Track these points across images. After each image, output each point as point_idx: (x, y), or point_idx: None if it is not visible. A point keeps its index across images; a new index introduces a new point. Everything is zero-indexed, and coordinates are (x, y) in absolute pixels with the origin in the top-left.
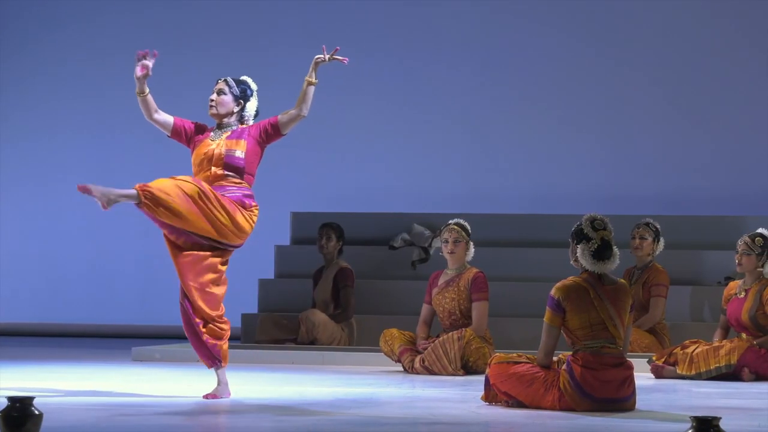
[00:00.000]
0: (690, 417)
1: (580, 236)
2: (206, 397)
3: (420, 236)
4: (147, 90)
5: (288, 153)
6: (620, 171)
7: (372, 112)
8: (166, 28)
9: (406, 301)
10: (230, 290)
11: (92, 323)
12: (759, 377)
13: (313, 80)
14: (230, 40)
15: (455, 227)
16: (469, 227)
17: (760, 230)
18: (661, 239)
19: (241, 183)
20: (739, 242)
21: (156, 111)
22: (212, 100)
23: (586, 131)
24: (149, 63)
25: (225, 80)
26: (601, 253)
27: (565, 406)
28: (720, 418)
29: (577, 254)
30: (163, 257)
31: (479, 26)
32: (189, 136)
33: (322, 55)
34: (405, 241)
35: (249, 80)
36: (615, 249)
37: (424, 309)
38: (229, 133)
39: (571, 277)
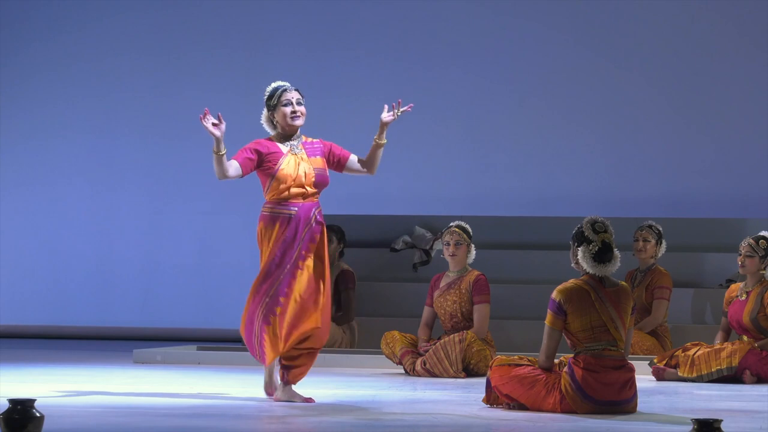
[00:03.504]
0: (691, 419)
1: (580, 239)
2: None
3: (421, 238)
4: (224, 149)
5: None
6: (621, 173)
7: (372, 115)
8: (169, 30)
9: (407, 304)
10: (232, 293)
11: (94, 325)
12: (760, 379)
13: (382, 141)
14: (234, 41)
15: (456, 230)
16: (470, 229)
17: (763, 233)
18: (664, 242)
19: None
20: (743, 244)
21: (229, 168)
22: (296, 111)
23: (587, 134)
24: (222, 124)
25: (297, 89)
26: (602, 255)
27: (566, 408)
28: (721, 420)
29: (578, 257)
30: (164, 259)
31: (479, 28)
32: (259, 161)
33: (390, 114)
34: (406, 243)
35: None
36: (616, 251)
37: (426, 311)
38: (305, 148)
39: (572, 280)
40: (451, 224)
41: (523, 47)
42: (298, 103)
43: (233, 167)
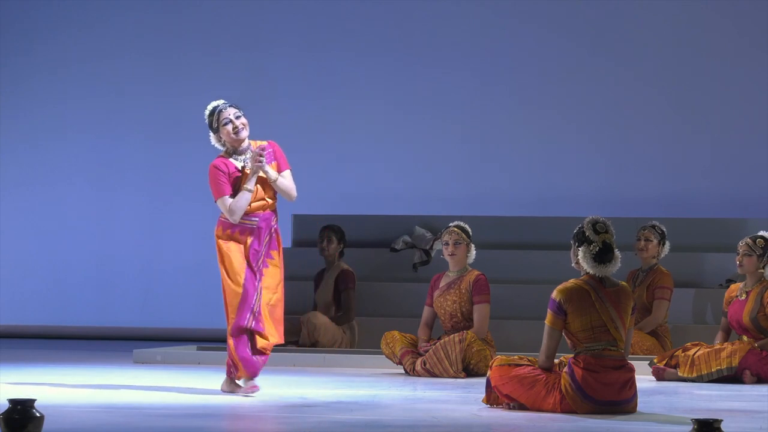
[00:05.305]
0: (691, 419)
1: (581, 239)
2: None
3: (421, 238)
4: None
5: (289, 155)
6: (622, 174)
7: (373, 115)
8: (169, 30)
9: (407, 304)
10: None
11: (94, 325)
12: (760, 379)
13: (273, 179)
14: (234, 41)
15: (456, 229)
16: (469, 229)
17: (761, 232)
18: (667, 242)
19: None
20: (741, 243)
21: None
22: (237, 126)
23: (588, 134)
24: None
25: (233, 105)
26: (602, 256)
27: (566, 408)
28: (721, 420)
29: (579, 257)
30: (164, 259)
31: (480, 29)
32: (232, 182)
33: (256, 163)
34: (406, 243)
35: None
36: (616, 252)
37: (426, 311)
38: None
39: (572, 280)
40: (450, 224)
41: (522, 47)
42: (237, 117)
43: (242, 205)
